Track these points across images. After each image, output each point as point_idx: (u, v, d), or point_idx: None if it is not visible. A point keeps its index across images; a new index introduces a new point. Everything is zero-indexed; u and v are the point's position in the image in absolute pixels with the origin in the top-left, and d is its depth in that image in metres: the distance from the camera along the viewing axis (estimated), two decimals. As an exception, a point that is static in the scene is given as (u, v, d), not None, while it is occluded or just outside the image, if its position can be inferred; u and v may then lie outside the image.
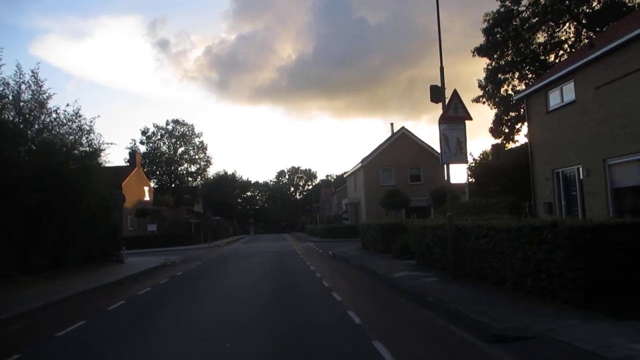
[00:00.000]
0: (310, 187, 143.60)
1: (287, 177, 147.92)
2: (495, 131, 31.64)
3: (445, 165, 12.03)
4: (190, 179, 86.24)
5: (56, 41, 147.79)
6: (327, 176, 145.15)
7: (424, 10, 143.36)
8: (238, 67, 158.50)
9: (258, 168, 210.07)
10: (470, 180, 30.96)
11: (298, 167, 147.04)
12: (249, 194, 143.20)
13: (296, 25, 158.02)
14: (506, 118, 30.83)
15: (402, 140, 48.77)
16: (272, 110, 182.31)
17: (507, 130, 31.05)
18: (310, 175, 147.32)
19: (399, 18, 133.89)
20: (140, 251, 33.22)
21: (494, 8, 31.44)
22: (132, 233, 46.26)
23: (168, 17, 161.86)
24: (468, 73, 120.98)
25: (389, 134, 50.79)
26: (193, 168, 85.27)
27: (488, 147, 34.81)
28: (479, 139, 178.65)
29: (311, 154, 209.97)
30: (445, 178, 12.41)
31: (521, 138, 32.11)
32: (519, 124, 31.04)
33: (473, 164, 30.43)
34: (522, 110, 30.08)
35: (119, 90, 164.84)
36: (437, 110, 12.15)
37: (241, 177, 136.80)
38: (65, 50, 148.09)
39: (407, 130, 49.03)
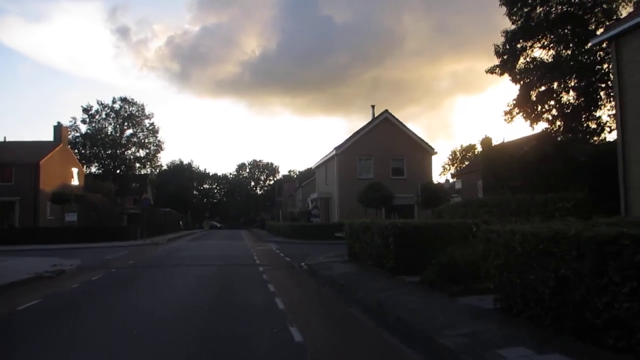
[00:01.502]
0: (272, 182, 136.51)
1: (247, 170, 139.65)
2: (523, 111, 24.27)
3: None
4: (138, 165, 76.80)
5: (13, 22, 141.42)
6: (289, 172, 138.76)
7: (389, 11, 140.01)
8: (200, 59, 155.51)
9: (218, 161, 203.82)
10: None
11: (259, 161, 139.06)
12: (206, 186, 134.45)
13: (261, 20, 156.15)
14: (537, 91, 23.50)
15: (384, 126, 41.44)
16: (234, 105, 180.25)
17: (542, 109, 23.71)
18: (272, 169, 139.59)
19: (364, 18, 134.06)
20: (41, 248, 24.83)
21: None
22: (52, 223, 37.47)
23: (129, 4, 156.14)
24: (429, 77, 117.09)
25: (369, 119, 43.42)
26: (142, 153, 75.86)
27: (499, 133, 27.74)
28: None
29: (273, 149, 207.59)
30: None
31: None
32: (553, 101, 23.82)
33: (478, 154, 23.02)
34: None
35: (77, 76, 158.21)
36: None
37: (198, 168, 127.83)
38: (22, 32, 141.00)
39: (390, 114, 41.72)
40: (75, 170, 45.06)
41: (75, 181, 44.84)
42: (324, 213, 43.55)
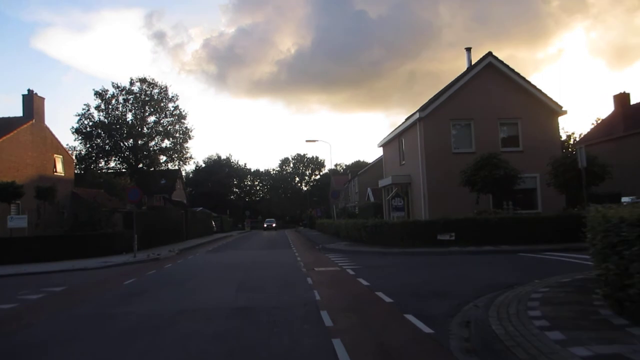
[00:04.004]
0: (319, 176, 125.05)
1: (291, 165, 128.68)
2: None
3: None
4: (165, 157, 65.56)
5: (58, 34, 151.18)
6: (335, 165, 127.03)
7: (424, 3, 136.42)
8: (237, 60, 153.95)
9: (259, 160, 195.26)
10: None
11: (304, 155, 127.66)
12: (247, 183, 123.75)
13: (295, 18, 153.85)
14: None
15: (487, 75, 28.23)
16: (272, 104, 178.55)
17: None
18: (317, 163, 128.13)
19: (399, 11, 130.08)
20: None
21: None
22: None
23: (165, 10, 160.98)
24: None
25: (466, 66, 30.23)
26: (167, 143, 64.57)
27: None
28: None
29: (316, 146, 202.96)
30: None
31: None
32: None
33: None
34: None
35: (117, 81, 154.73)
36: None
37: (237, 163, 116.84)
38: (65, 43, 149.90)
39: (495, 58, 28.45)
40: (59, 158, 33.59)
41: (59, 170, 33.42)
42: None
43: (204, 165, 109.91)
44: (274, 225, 78.64)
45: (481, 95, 27.75)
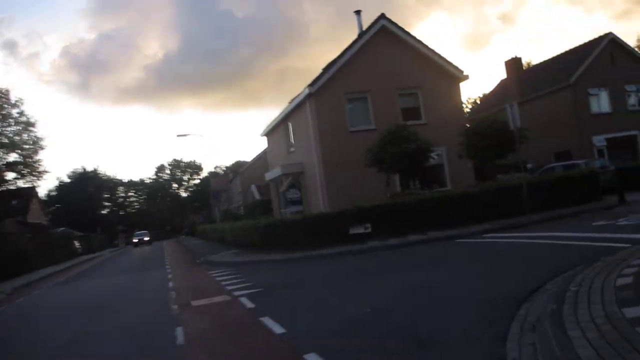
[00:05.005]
0: (197, 181, 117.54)
1: (168, 172, 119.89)
2: None
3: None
4: (13, 175, 55.50)
5: None
6: (215, 167, 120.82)
7: (289, 1, 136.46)
8: (100, 67, 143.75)
9: (133, 169, 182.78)
10: None
11: (180, 160, 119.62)
12: (120, 195, 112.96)
13: (160, 21, 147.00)
14: None
15: (381, 41, 24.56)
16: (142, 110, 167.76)
17: None
18: (195, 167, 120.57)
19: (264, 9, 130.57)
20: None
21: None
22: None
23: (15, 16, 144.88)
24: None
25: (357, 32, 26.27)
26: (14, 156, 54.62)
27: None
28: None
29: (191, 150, 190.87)
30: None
31: None
32: None
33: None
34: None
35: None
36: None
37: (106, 174, 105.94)
38: None
39: (389, 21, 24.84)
40: None
41: None
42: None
43: (69, 180, 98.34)
44: (146, 238, 63.78)
45: (376, 64, 24.05)
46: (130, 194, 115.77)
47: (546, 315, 5.19)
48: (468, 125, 22.23)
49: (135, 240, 62.96)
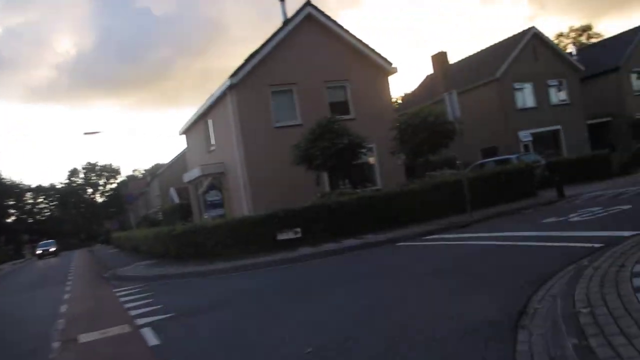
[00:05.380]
0: (115, 185, 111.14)
1: (82, 176, 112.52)
2: None
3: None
4: None
5: None
6: (133, 171, 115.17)
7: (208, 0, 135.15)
8: (6, 64, 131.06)
9: (42, 174, 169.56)
10: None
11: (95, 163, 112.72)
12: (28, 201, 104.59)
13: (74, 17, 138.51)
14: None
15: (307, 30, 22.89)
16: (54, 111, 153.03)
17: None
18: (112, 171, 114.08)
19: (183, 7, 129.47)
20: None
21: None
22: None
23: None
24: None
25: (280, 20, 24.40)
26: None
27: None
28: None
29: (108, 153, 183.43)
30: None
31: None
32: None
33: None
34: None
35: None
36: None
37: (10, 179, 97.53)
38: None
39: (315, 9, 23.21)
40: None
41: None
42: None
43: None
44: (52, 249, 56.83)
45: (302, 55, 22.41)
46: (39, 200, 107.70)
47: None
48: (399, 118, 20.98)
49: (39, 252, 55.79)
